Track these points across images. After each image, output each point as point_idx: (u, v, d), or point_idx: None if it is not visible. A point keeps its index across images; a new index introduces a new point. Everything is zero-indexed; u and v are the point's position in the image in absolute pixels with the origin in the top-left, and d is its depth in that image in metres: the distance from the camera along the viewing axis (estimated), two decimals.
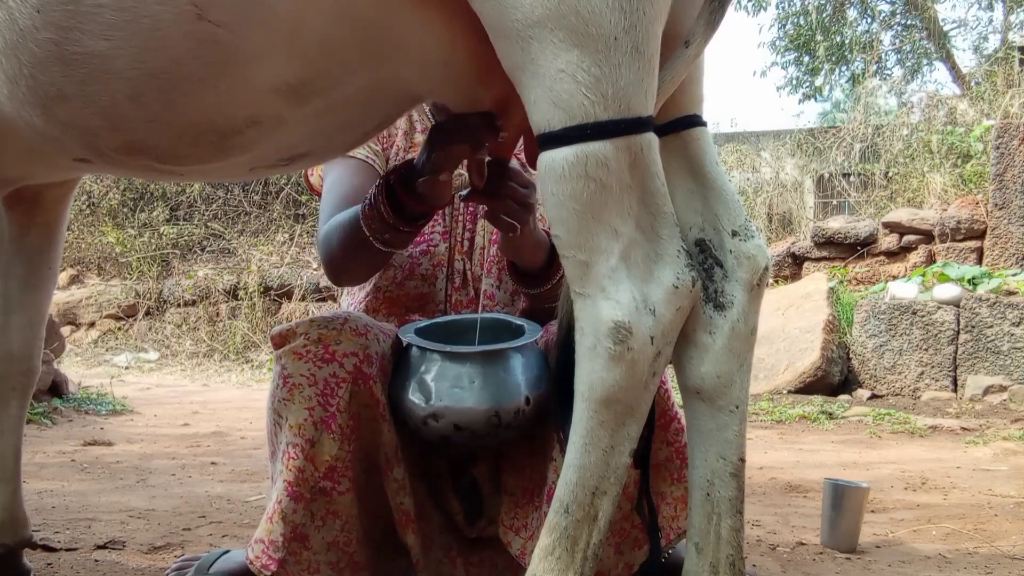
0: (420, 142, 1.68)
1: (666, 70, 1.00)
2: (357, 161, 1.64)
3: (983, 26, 13.90)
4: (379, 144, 1.68)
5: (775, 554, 1.98)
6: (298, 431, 1.37)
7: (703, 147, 1.11)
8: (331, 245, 1.51)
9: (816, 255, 6.75)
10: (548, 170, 0.94)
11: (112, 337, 8.16)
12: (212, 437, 3.87)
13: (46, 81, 1.09)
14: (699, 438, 1.06)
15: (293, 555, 1.36)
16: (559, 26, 0.91)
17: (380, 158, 1.67)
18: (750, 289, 1.07)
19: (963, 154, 7.48)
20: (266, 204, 9.12)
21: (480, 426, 1.34)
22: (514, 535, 1.47)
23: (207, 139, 1.14)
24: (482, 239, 1.67)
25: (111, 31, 1.02)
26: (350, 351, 1.40)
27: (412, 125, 1.71)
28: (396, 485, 1.43)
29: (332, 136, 1.24)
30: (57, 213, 1.64)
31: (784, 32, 14.10)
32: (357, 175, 1.62)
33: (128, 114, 1.10)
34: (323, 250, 1.54)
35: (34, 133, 1.20)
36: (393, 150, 1.69)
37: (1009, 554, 1.99)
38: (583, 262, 0.95)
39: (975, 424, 4.08)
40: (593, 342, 0.94)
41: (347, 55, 1.06)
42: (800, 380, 5.09)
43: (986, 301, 4.98)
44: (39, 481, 2.74)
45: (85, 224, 9.02)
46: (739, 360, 1.05)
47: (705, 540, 1.05)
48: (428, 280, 1.64)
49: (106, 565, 1.81)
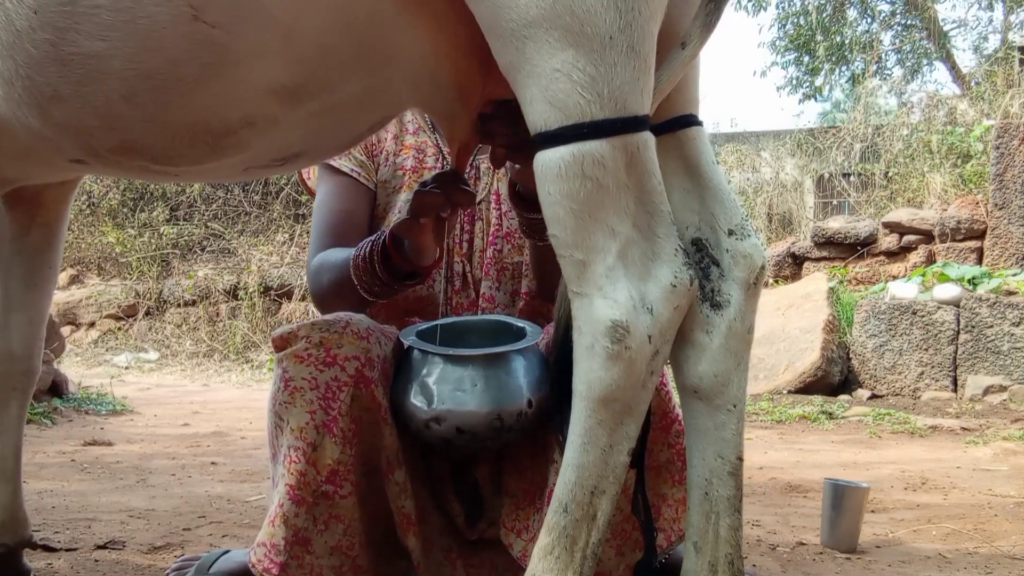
0: (412, 144, 1.69)
1: (663, 71, 1.00)
2: (345, 178, 1.66)
3: (983, 26, 13.92)
4: (365, 153, 1.69)
5: (775, 554, 1.98)
6: (300, 434, 1.37)
7: (699, 147, 1.11)
8: (321, 283, 1.56)
9: (816, 255, 6.75)
10: (545, 169, 0.94)
11: (112, 337, 8.17)
12: (212, 437, 3.87)
13: (42, 82, 1.09)
14: (697, 437, 1.06)
15: (295, 559, 1.36)
16: (554, 26, 0.91)
17: (367, 168, 1.68)
18: (747, 288, 1.07)
19: (963, 154, 7.48)
20: (266, 204, 9.12)
21: (482, 429, 1.34)
22: (515, 537, 1.47)
23: (202, 140, 1.14)
24: (480, 240, 1.67)
25: (107, 32, 1.02)
26: (352, 355, 1.40)
27: (403, 127, 1.71)
28: (397, 488, 1.43)
29: (326, 137, 1.25)
30: (58, 213, 1.64)
31: (784, 32, 14.10)
32: (344, 197, 1.66)
33: (123, 115, 1.11)
34: (312, 284, 1.59)
35: (30, 134, 1.20)
36: (383, 155, 1.69)
37: (1009, 554, 1.99)
38: (580, 261, 0.95)
39: (975, 424, 4.08)
40: (591, 341, 0.94)
41: (341, 59, 1.07)
42: (800, 380, 5.09)
43: (986, 301, 4.98)
44: (39, 481, 2.74)
45: (85, 224, 9.03)
46: (736, 359, 1.05)
47: (704, 539, 1.05)
48: (426, 283, 1.65)
49: (106, 565, 1.81)
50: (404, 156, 1.68)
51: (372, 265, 1.44)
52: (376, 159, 1.69)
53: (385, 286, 1.46)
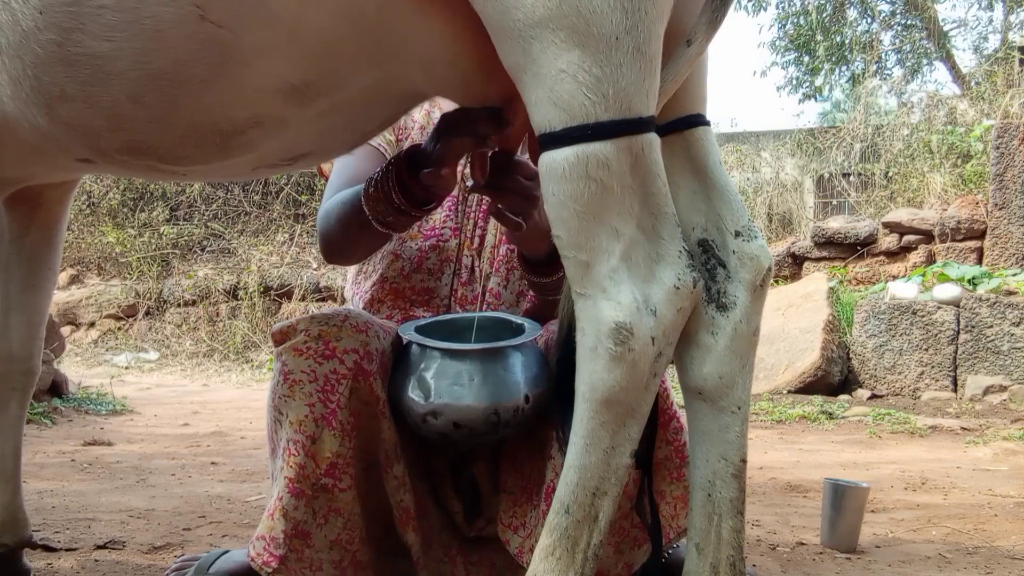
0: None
1: (668, 69, 1.00)
2: (369, 147, 1.63)
3: (983, 26, 13.92)
4: (393, 134, 1.67)
5: (775, 554, 1.98)
6: (299, 427, 1.37)
7: (706, 147, 1.11)
8: (329, 221, 1.50)
9: (816, 255, 6.75)
10: (549, 170, 0.94)
11: (112, 337, 8.16)
12: (212, 437, 3.87)
13: (49, 82, 1.09)
14: (701, 439, 1.06)
15: (295, 552, 1.36)
16: (560, 26, 0.90)
17: (392, 148, 1.66)
18: (753, 290, 1.06)
19: (963, 154, 7.48)
20: (266, 204, 9.12)
21: (479, 424, 1.34)
22: (512, 533, 1.47)
23: (210, 140, 1.14)
24: (493, 237, 1.66)
25: (113, 32, 1.02)
26: (350, 347, 1.40)
27: (430, 120, 1.69)
28: (396, 482, 1.43)
29: (335, 136, 1.24)
30: (57, 213, 1.64)
31: (784, 32, 14.10)
32: (367, 160, 1.61)
33: (130, 115, 1.11)
34: (321, 226, 1.53)
35: (37, 134, 1.20)
36: (408, 142, 1.67)
37: (1009, 554, 1.99)
38: (584, 262, 0.94)
39: (975, 424, 4.08)
40: (594, 343, 0.94)
41: (350, 55, 1.06)
42: (800, 380, 5.09)
43: (986, 301, 4.98)
44: (39, 481, 2.73)
45: (85, 224, 9.02)
46: (741, 361, 1.05)
47: (706, 541, 1.05)
48: (434, 274, 1.64)
49: (106, 565, 1.81)
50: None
51: (387, 192, 1.35)
52: (401, 144, 1.67)
53: (401, 214, 1.37)
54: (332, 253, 1.55)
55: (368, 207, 1.38)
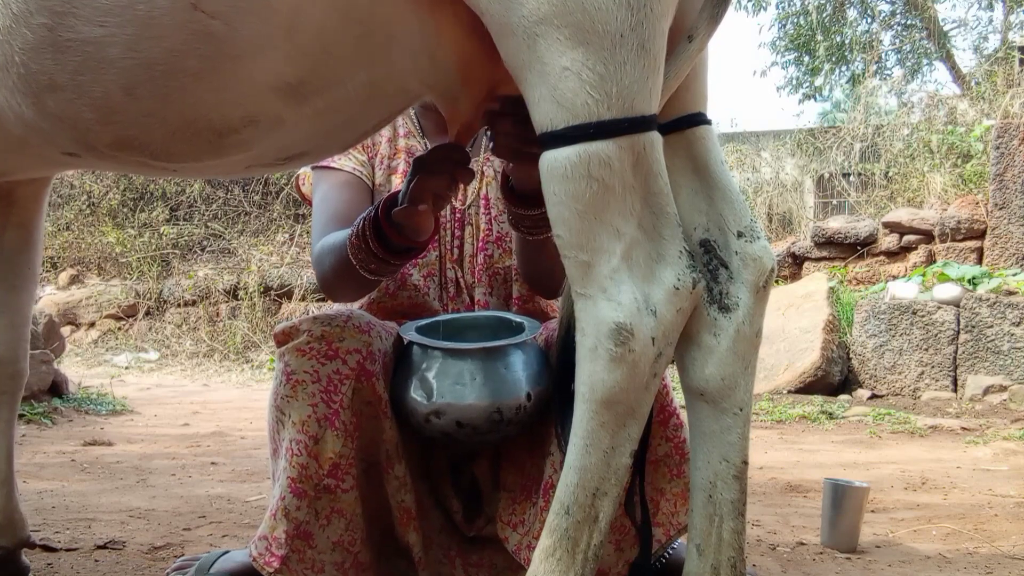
0: (403, 147, 1.68)
1: (669, 66, 0.99)
2: (344, 174, 1.64)
3: (983, 26, 13.89)
4: (364, 153, 1.68)
5: (775, 554, 1.97)
6: (302, 427, 1.37)
7: (708, 146, 1.10)
8: (324, 267, 1.53)
9: (816, 255, 6.75)
10: (550, 169, 0.94)
11: (112, 337, 8.16)
12: (212, 437, 3.87)
13: (38, 69, 1.07)
14: (702, 440, 1.06)
15: (296, 552, 1.36)
16: (565, 23, 0.90)
17: (367, 167, 1.67)
18: (756, 291, 1.06)
19: (963, 154, 7.47)
20: (266, 204, 9.12)
21: (482, 422, 1.35)
22: (511, 531, 1.47)
23: (203, 137, 1.12)
24: (471, 246, 1.67)
25: (105, 17, 1.00)
26: (353, 348, 1.40)
27: (395, 131, 1.70)
28: (397, 483, 1.43)
29: (331, 135, 1.23)
30: (33, 211, 1.59)
31: (784, 32, 14.08)
32: (345, 190, 1.63)
33: (121, 107, 1.08)
34: (317, 271, 1.56)
35: (23, 125, 1.17)
36: (378, 158, 1.68)
37: (1009, 554, 1.99)
38: (585, 262, 0.94)
39: (975, 424, 4.08)
40: (594, 343, 0.94)
41: (345, 50, 1.05)
42: (800, 380, 5.09)
43: (986, 301, 4.98)
44: (39, 481, 2.73)
45: (85, 224, 9.01)
46: (744, 362, 1.04)
47: (707, 542, 1.05)
48: (421, 290, 1.65)
49: (106, 565, 1.80)
50: (397, 160, 1.68)
51: (366, 242, 1.39)
52: (372, 161, 1.68)
53: (382, 262, 1.40)
54: (332, 295, 1.58)
55: (352, 256, 1.41)
